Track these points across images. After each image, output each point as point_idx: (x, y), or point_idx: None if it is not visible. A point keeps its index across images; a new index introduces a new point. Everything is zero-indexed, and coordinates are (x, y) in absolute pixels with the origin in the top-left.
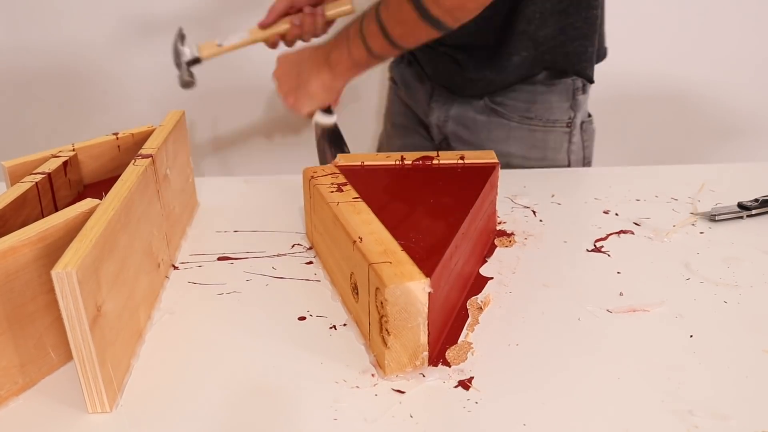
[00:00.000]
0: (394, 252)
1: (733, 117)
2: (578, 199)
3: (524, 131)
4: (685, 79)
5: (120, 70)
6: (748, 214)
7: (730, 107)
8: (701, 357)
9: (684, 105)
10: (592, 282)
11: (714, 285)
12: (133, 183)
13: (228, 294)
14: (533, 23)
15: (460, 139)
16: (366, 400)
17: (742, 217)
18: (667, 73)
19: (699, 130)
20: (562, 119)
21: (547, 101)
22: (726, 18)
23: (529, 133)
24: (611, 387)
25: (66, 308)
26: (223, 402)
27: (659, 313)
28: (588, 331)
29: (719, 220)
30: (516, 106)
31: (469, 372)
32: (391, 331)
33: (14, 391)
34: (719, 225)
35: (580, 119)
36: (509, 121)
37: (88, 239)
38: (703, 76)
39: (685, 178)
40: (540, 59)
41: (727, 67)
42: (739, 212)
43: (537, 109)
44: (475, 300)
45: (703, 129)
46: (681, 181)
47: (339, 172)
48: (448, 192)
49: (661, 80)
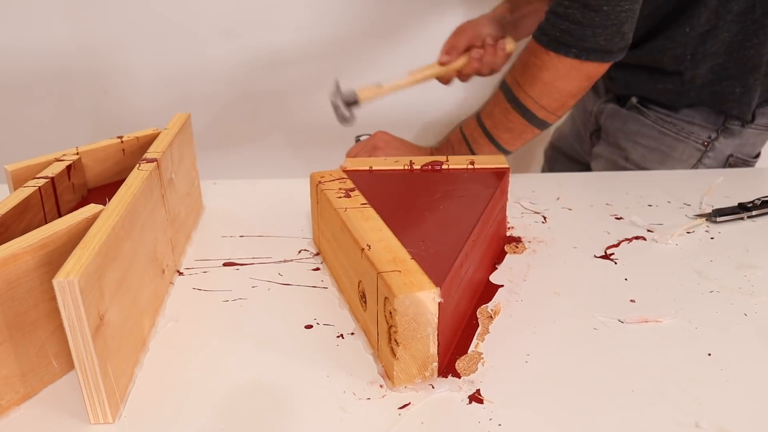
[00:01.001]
0: (403, 260)
1: None
2: (589, 204)
3: (655, 131)
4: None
5: (123, 71)
6: (749, 215)
7: None
8: (718, 369)
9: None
10: (603, 290)
11: (729, 294)
12: (137, 188)
13: (233, 301)
14: (683, 63)
15: (606, 129)
16: (374, 411)
17: (743, 218)
18: None
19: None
20: (699, 135)
21: (689, 115)
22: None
23: (660, 135)
24: (625, 401)
25: (68, 318)
26: (228, 412)
27: (673, 324)
28: (600, 342)
29: (720, 222)
30: (657, 110)
31: (479, 383)
32: (400, 342)
33: (15, 401)
34: (730, 230)
35: (730, 150)
36: (645, 118)
37: (91, 247)
38: None
39: (697, 183)
40: (685, 95)
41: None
42: (739, 213)
43: (676, 117)
44: (486, 308)
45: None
46: (693, 186)
47: (347, 177)
48: (458, 198)
49: None
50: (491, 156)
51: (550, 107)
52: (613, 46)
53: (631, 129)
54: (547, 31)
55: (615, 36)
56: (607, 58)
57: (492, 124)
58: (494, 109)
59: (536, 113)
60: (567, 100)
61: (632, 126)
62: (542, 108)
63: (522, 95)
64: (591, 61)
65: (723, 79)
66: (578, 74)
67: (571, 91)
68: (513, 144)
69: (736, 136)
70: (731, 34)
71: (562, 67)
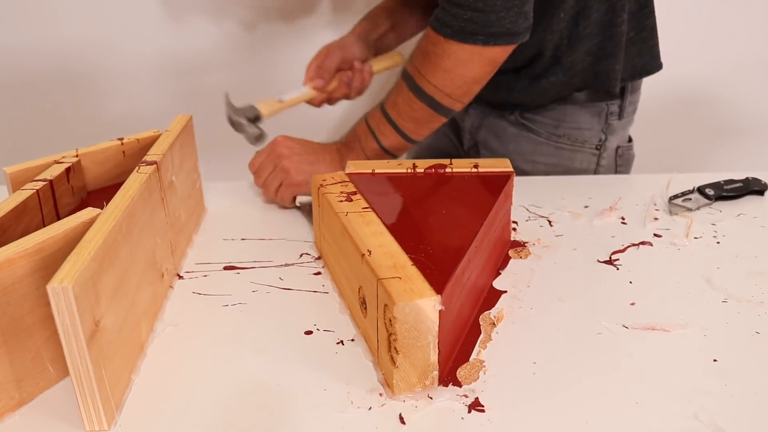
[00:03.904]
0: (404, 266)
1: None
2: (596, 208)
3: (551, 147)
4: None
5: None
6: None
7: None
8: (725, 380)
9: (714, 110)
10: (609, 296)
11: (737, 302)
12: (135, 191)
13: (233, 306)
14: (560, 49)
15: (490, 147)
16: (373, 421)
17: (711, 203)
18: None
19: (723, 137)
20: (591, 141)
21: (576, 122)
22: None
23: (556, 150)
24: (630, 412)
25: (62, 324)
26: (225, 419)
27: (680, 332)
28: (606, 350)
29: (678, 202)
30: (545, 123)
31: (480, 392)
32: (399, 350)
33: (10, 407)
34: (739, 237)
35: (616, 144)
36: (537, 137)
37: (87, 251)
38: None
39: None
40: (569, 83)
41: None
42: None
43: (566, 128)
44: (488, 315)
45: (729, 135)
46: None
47: (349, 180)
48: (461, 202)
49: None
50: (496, 159)
51: (455, 95)
52: (519, 27)
53: (526, 149)
54: (449, 22)
55: (519, 17)
56: (515, 40)
57: (396, 113)
58: (398, 98)
59: (441, 101)
60: (471, 86)
61: (527, 146)
62: (447, 96)
63: (425, 84)
64: (498, 45)
65: (601, 58)
66: (480, 59)
67: (475, 77)
68: (419, 133)
69: (618, 130)
70: (601, 13)
71: (463, 53)
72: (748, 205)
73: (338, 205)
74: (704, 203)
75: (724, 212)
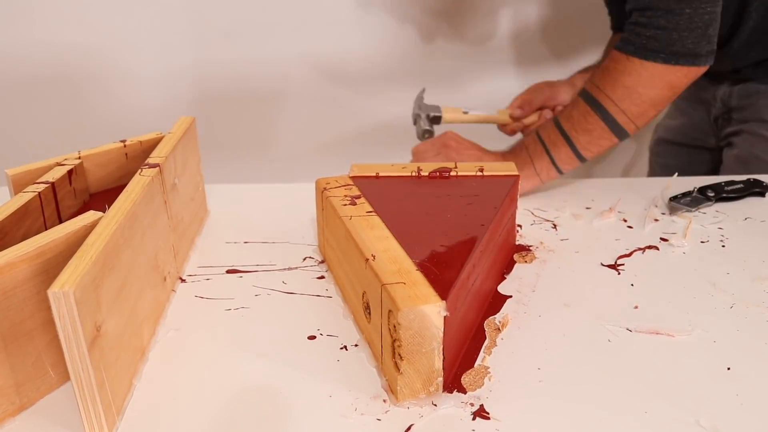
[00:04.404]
0: (408, 272)
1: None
2: (600, 211)
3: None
4: None
5: (127, 73)
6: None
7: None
8: (735, 387)
9: None
10: (614, 301)
11: (744, 307)
12: (137, 195)
13: (236, 310)
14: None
15: (741, 108)
16: (376, 428)
17: (711, 204)
18: None
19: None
20: None
21: None
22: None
23: None
24: (638, 420)
25: (63, 329)
26: (227, 425)
27: (688, 339)
28: (612, 356)
29: (677, 202)
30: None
31: (485, 399)
32: (404, 356)
33: (11, 412)
34: (745, 241)
35: None
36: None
37: (88, 256)
38: None
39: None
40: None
41: None
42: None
43: None
44: (493, 320)
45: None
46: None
47: (353, 183)
48: (466, 205)
49: None
50: (501, 163)
51: (631, 113)
52: (701, 49)
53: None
54: (632, 40)
55: (702, 39)
56: (696, 62)
57: (570, 125)
58: (573, 111)
59: (616, 117)
60: (647, 109)
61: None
62: (622, 112)
63: (603, 98)
64: (680, 65)
65: None
66: (661, 81)
67: (652, 99)
68: (590, 149)
69: None
70: None
71: (644, 72)
72: (755, 208)
73: (342, 208)
74: (705, 204)
75: (730, 216)
